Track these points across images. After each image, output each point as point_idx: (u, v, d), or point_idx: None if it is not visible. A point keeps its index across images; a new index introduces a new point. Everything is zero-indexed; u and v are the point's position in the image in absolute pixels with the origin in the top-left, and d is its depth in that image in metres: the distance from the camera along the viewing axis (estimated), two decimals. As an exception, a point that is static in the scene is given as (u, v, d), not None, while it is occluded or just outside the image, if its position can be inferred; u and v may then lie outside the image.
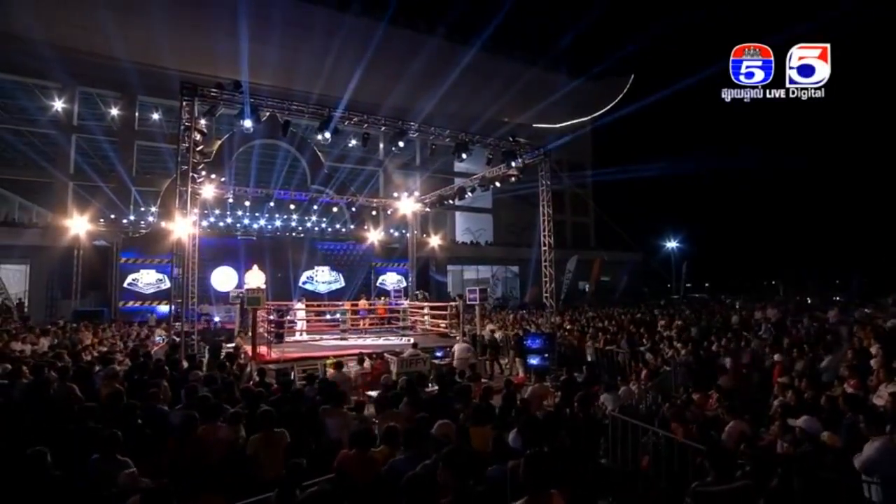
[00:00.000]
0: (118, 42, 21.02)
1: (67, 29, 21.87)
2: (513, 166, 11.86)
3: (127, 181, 24.16)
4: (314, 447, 4.39)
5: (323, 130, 9.57)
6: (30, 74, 23.22)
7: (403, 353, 10.07)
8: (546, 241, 12.34)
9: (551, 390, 7.86)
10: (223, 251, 22.71)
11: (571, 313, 18.44)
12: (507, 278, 37.94)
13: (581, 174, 38.25)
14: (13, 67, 22.67)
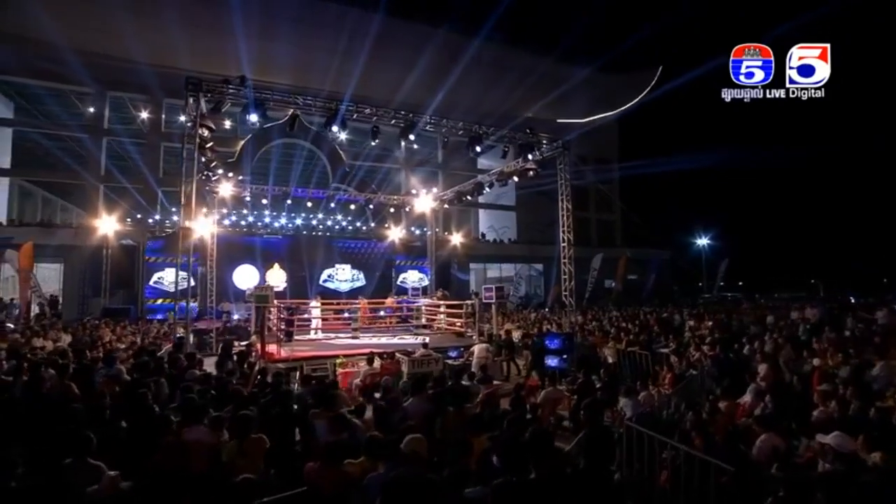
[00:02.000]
0: (138, 45, 21.46)
1: (89, 33, 22.49)
2: (530, 160, 11.39)
3: (152, 182, 24.68)
4: (300, 453, 4.09)
5: (330, 124, 9.34)
6: (64, 81, 23.96)
7: (415, 354, 9.76)
8: (565, 238, 11.82)
9: (566, 394, 7.40)
10: (245, 249, 22.93)
11: (594, 312, 17.78)
12: (530, 277, 37.30)
13: (607, 169, 37.17)
14: (49, 75, 23.46)
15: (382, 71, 24.82)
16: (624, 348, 9.91)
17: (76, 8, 22.41)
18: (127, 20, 22.05)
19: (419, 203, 19.39)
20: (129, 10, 22.40)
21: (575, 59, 32.80)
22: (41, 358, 6.61)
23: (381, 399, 5.15)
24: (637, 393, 6.87)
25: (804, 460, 3.98)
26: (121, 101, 27.34)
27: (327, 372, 9.45)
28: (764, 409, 5.28)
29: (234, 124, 28.95)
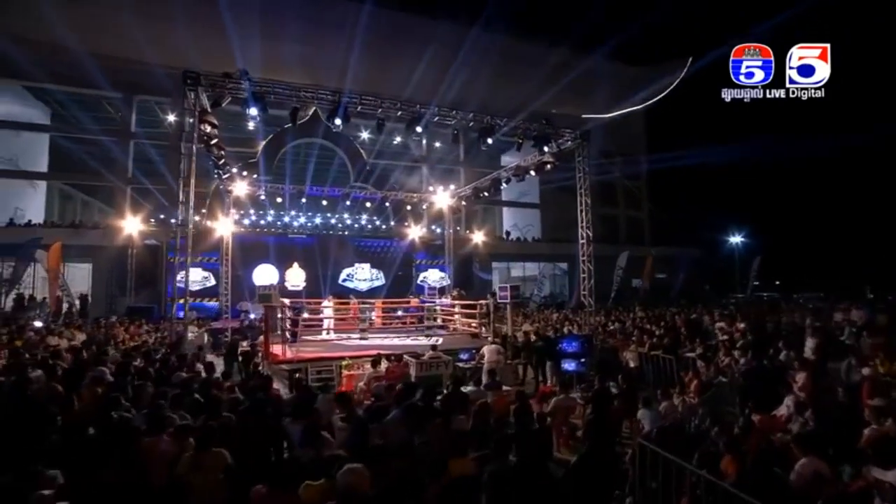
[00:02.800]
0: (161, 50, 21.77)
1: (115, 40, 22.95)
2: (546, 151, 10.79)
3: (172, 183, 25.00)
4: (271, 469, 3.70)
5: (333, 117, 9.01)
6: (94, 87, 24.54)
7: (424, 356, 9.33)
8: (585, 234, 11.18)
9: (580, 402, 6.83)
10: (265, 249, 23.05)
11: (617, 313, 16.96)
12: (555, 276, 36.48)
13: (634, 164, 35.92)
14: (80, 82, 24.13)
15: (393, 67, 24.43)
16: (647, 352, 9.22)
17: (100, 17, 22.91)
18: (148, 26, 22.42)
19: (437, 200, 18.98)
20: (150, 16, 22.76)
21: (598, 52, 31.77)
22: (28, 359, 6.45)
23: (367, 409, 4.68)
24: (661, 401, 6.25)
25: (854, 490, 3.34)
26: (149, 105, 27.94)
27: (332, 374, 9.14)
28: (804, 425, 4.62)
29: (257, 126, 29.20)
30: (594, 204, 33.49)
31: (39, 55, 22.54)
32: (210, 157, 8.73)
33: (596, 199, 33.32)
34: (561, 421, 6.30)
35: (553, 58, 28.19)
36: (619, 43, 30.40)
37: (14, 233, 21.84)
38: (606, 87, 31.89)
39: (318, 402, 6.09)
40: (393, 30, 25.81)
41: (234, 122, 29.43)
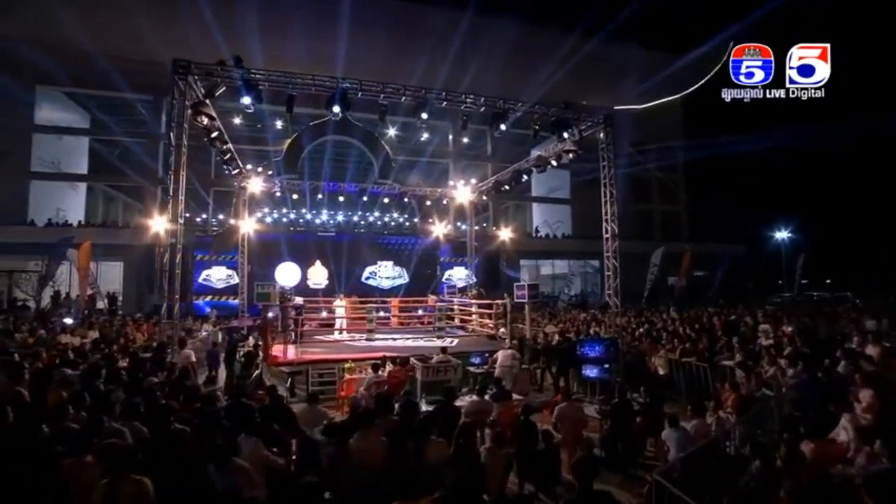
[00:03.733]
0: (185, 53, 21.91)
1: (132, 43, 23.30)
2: (565, 138, 9.93)
3: (196, 183, 25.30)
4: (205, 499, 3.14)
5: (331, 104, 8.47)
6: (125, 90, 25.08)
7: (432, 359, 8.70)
8: (610, 228, 10.26)
9: (597, 416, 6.03)
10: (287, 246, 22.90)
11: (647, 314, 15.77)
12: (586, 273, 35.24)
13: (670, 155, 34.07)
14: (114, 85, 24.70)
15: (404, 60, 23.68)
16: (678, 358, 8.25)
17: (121, 22, 23.30)
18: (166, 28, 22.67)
19: (458, 195, 18.31)
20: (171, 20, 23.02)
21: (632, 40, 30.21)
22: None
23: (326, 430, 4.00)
24: (691, 418, 5.38)
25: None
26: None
27: (335, 377, 8.64)
28: (870, 457, 3.71)
29: (286, 124, 29.35)
30: (626, 199, 32.01)
31: (76, 63, 23.20)
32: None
33: (629, 194, 32.15)
34: (571, 436, 5.52)
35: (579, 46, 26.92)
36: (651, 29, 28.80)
37: (51, 232, 22.54)
38: (638, 76, 30.34)
39: (302, 410, 5.57)
40: (403, 20, 25.10)
41: (264, 121, 29.78)
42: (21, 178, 25.62)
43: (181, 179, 8.32)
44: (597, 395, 8.57)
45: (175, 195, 8.06)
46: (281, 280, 22.48)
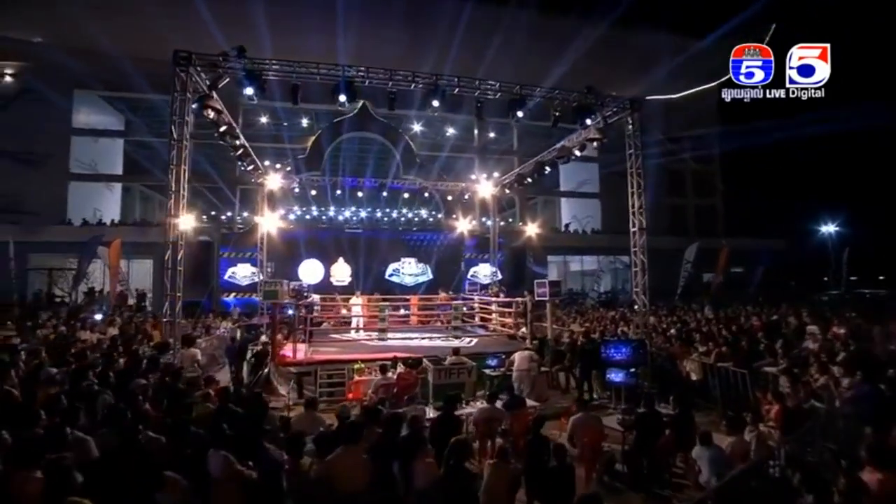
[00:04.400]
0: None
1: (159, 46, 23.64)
2: (588, 125, 9.28)
3: (220, 181, 25.66)
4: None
5: (337, 94, 8.12)
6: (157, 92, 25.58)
7: (445, 361, 8.25)
8: (637, 221, 9.56)
9: (619, 429, 5.45)
10: (310, 244, 22.93)
11: (679, 312, 14.83)
12: (617, 270, 34.12)
13: (706, 146, 32.48)
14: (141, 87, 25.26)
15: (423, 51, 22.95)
16: (713, 362, 7.52)
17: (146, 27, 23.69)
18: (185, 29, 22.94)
19: (481, 189, 17.78)
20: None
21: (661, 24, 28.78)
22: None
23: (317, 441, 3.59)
24: (727, 432, 4.75)
25: None
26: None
27: (344, 378, 8.31)
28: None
29: (311, 122, 29.45)
30: (658, 192, 30.72)
31: (109, 67, 23.79)
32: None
33: (661, 187, 30.83)
34: (587, 448, 4.97)
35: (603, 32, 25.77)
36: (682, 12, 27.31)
37: (85, 231, 23.22)
38: (670, 64, 28.89)
39: (299, 416, 5.23)
40: (416, 9, 24.45)
41: (290, 119, 29.99)
42: (60, 180, 26.54)
43: (182, 176, 8.12)
44: (622, 401, 7.94)
45: (177, 192, 7.86)
46: (304, 277, 22.66)
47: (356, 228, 24.27)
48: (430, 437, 4.38)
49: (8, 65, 26.69)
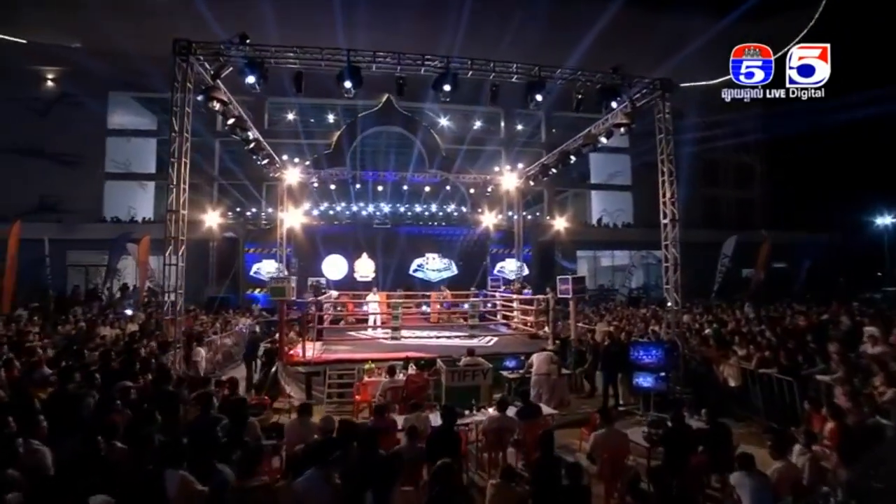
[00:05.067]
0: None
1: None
2: (613, 108, 8.58)
3: (243, 177, 25.87)
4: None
5: (342, 80, 7.70)
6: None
7: (460, 362, 7.77)
8: (669, 212, 8.81)
9: (645, 445, 4.85)
10: (334, 239, 22.83)
11: (715, 311, 13.81)
12: (649, 265, 32.84)
13: (745, 133, 30.69)
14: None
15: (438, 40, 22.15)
16: (755, 368, 6.75)
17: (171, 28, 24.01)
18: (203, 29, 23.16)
19: (505, 181, 17.18)
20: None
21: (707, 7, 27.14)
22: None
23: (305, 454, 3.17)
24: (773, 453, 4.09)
25: None
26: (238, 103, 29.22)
27: (354, 379, 7.95)
28: None
29: (337, 118, 29.41)
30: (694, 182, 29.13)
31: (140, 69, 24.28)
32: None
33: (696, 177, 29.31)
34: (608, 466, 4.41)
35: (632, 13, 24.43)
36: None
37: (118, 229, 23.86)
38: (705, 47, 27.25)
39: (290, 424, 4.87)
40: None
41: (316, 115, 30.04)
42: (97, 180, 27.39)
43: (183, 170, 7.90)
44: (651, 408, 7.28)
45: (177, 186, 7.65)
46: (328, 273, 22.58)
47: (381, 223, 24.04)
48: (427, 452, 3.93)
49: (49, 70, 27.67)
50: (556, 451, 5.88)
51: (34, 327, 10.40)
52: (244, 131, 9.66)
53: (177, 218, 7.52)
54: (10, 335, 9.48)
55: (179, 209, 7.58)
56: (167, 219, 7.53)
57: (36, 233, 20.53)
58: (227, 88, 9.28)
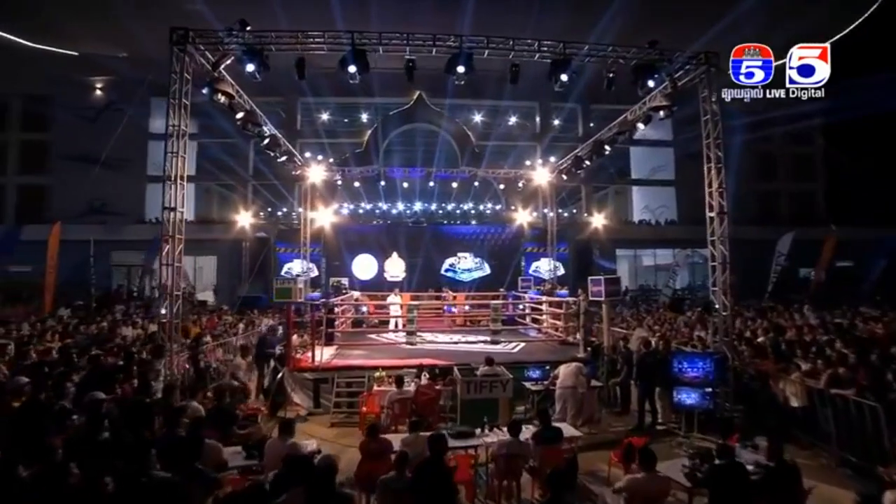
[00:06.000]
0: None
1: None
2: (649, 86, 7.61)
3: (272, 177, 26.00)
4: None
5: (346, 65, 7.12)
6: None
7: (477, 371, 7.07)
8: (716, 204, 7.76)
9: (685, 484, 3.98)
10: (363, 238, 22.56)
11: (774, 314, 12.40)
12: (695, 265, 30.98)
13: (804, 119, 28.16)
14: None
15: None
16: (825, 387, 5.67)
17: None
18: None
19: (537, 176, 16.28)
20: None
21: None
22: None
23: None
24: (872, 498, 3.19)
25: None
26: (269, 105, 29.56)
27: (363, 388, 7.38)
28: None
29: (371, 116, 29.28)
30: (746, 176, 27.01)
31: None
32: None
33: (748, 170, 27.25)
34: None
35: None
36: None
37: (156, 230, 24.51)
38: (771, 27, 25.03)
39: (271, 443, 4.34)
40: None
41: (349, 114, 30.02)
42: (139, 182, 28.36)
43: (181, 165, 7.56)
44: (694, 428, 6.34)
45: (175, 182, 7.31)
46: (357, 273, 22.33)
47: (412, 221, 23.62)
48: (411, 487, 3.27)
49: (98, 80, 28.92)
50: (581, 479, 5.15)
51: (59, 327, 10.49)
52: (255, 125, 9.30)
53: (174, 216, 7.15)
54: (35, 334, 9.57)
55: (177, 206, 7.22)
56: (163, 217, 7.18)
57: (83, 234, 21.41)
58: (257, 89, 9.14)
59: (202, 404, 5.33)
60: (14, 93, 28.10)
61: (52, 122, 28.03)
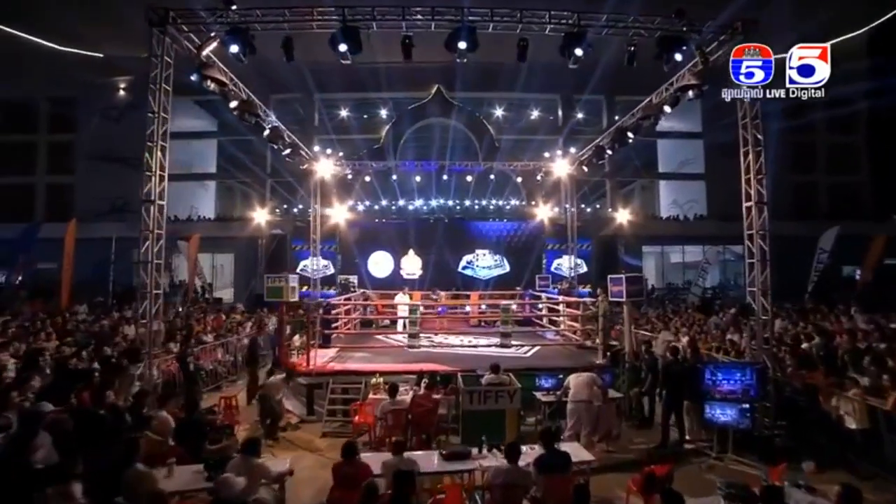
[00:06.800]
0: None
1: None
2: (676, 60, 6.77)
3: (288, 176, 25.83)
4: None
5: (336, 42, 6.51)
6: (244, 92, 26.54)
7: (482, 380, 6.42)
8: (755, 194, 6.89)
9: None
10: (379, 235, 22.11)
11: (817, 316, 11.28)
12: (726, 262, 29.57)
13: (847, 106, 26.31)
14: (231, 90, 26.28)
15: None
16: (892, 409, 4.78)
17: None
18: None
19: (556, 168, 15.50)
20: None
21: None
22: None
23: None
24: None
25: None
26: (287, 102, 29.49)
27: (360, 395, 6.82)
28: None
29: (389, 113, 28.90)
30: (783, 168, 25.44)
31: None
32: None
33: (786, 162, 25.65)
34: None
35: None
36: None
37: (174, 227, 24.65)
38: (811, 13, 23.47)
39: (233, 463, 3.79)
40: None
41: (367, 109, 29.68)
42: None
43: (161, 154, 7.14)
44: (729, 448, 5.54)
45: (154, 173, 6.90)
46: (373, 270, 21.90)
47: (432, 218, 23.05)
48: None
49: (121, 80, 29.36)
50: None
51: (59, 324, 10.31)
52: (253, 116, 8.83)
53: (154, 209, 6.72)
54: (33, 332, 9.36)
55: (156, 199, 6.79)
56: (142, 210, 6.77)
57: (105, 232, 21.59)
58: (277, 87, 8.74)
59: (172, 414, 4.84)
60: (43, 96, 28.77)
61: (78, 123, 28.57)
